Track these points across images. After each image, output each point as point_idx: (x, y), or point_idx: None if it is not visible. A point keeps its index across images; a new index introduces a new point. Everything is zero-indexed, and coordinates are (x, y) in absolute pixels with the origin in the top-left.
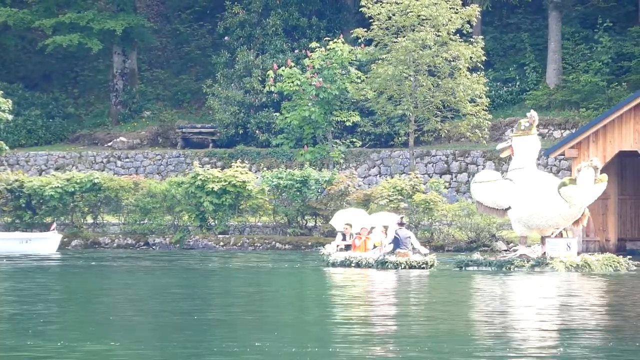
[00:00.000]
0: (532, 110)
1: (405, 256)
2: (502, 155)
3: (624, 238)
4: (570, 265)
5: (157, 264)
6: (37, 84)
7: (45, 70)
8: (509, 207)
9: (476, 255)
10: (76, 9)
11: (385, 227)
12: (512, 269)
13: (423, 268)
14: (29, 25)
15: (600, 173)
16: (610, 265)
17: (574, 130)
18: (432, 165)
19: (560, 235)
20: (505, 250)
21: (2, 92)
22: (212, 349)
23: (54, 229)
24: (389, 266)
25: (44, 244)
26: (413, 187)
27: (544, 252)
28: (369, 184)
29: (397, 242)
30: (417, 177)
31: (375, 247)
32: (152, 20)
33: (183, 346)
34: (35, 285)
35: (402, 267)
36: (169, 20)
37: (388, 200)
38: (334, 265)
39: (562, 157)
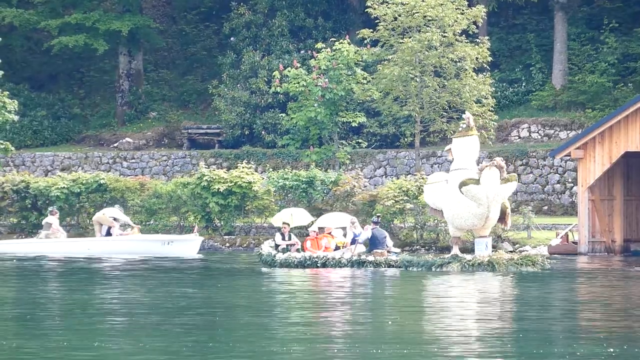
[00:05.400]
0: (466, 112)
1: (382, 255)
2: (450, 158)
3: (629, 239)
4: (471, 266)
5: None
6: (43, 85)
7: (51, 71)
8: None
9: (428, 256)
10: (82, 9)
11: (343, 228)
12: (435, 270)
13: (400, 267)
14: (34, 26)
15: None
16: (521, 264)
17: (579, 131)
18: (438, 166)
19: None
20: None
21: (8, 92)
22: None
23: (196, 232)
24: (368, 266)
25: (186, 246)
26: (419, 188)
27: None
28: (375, 185)
29: (374, 242)
30: (423, 178)
31: (338, 247)
32: (157, 21)
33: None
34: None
35: (383, 266)
36: (175, 21)
37: (394, 201)
38: (287, 265)
39: (568, 157)
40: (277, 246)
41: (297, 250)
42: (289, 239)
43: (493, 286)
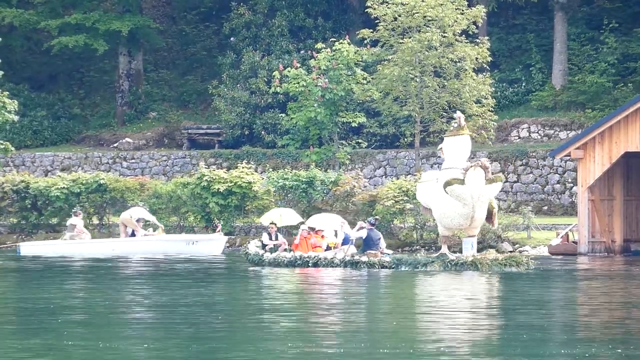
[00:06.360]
0: (457, 111)
1: (376, 256)
2: (442, 156)
3: (629, 239)
4: (454, 265)
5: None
6: (43, 85)
7: (51, 71)
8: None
9: (418, 255)
10: (82, 9)
11: (335, 231)
12: (420, 269)
13: (393, 268)
14: (34, 26)
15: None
16: (505, 265)
17: (579, 131)
18: (438, 167)
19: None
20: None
21: (8, 93)
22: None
23: (219, 231)
24: (362, 266)
25: (210, 245)
26: None
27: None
28: (375, 185)
29: (368, 243)
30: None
31: (329, 247)
32: (157, 21)
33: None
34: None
35: (377, 267)
36: (175, 21)
37: (394, 202)
38: (277, 264)
39: (568, 157)
40: (264, 246)
41: (285, 250)
42: (276, 238)
43: (492, 287)
